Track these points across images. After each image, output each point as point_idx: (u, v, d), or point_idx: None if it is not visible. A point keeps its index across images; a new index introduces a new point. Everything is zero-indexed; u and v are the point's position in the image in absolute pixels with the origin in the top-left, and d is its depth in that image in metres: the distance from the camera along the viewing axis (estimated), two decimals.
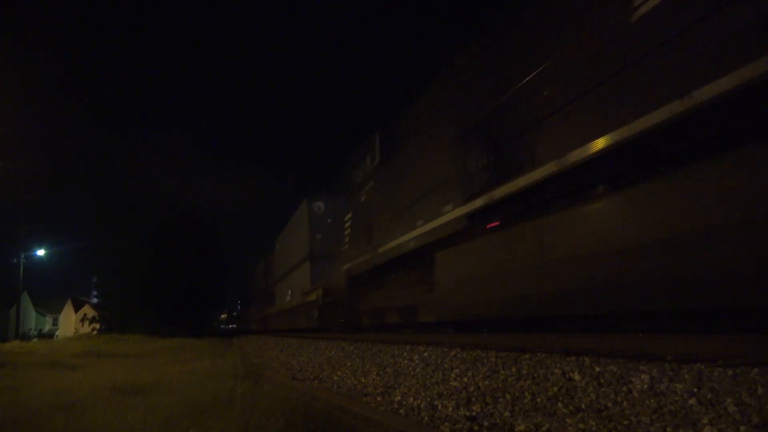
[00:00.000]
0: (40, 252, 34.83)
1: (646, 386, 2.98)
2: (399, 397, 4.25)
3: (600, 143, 4.45)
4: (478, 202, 6.36)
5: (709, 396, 2.61)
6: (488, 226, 6.40)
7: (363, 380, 5.40)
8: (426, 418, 3.52)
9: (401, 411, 3.84)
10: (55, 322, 61.45)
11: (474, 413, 3.35)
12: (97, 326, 28.45)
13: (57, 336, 40.01)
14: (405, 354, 6.00)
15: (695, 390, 2.73)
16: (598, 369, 3.50)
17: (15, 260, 32.67)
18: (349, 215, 12.80)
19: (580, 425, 2.70)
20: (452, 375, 4.45)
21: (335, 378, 5.98)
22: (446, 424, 3.26)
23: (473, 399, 3.66)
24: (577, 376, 3.48)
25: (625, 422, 2.61)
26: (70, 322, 56.27)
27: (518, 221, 5.86)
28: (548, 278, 5.34)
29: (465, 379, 4.20)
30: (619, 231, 4.50)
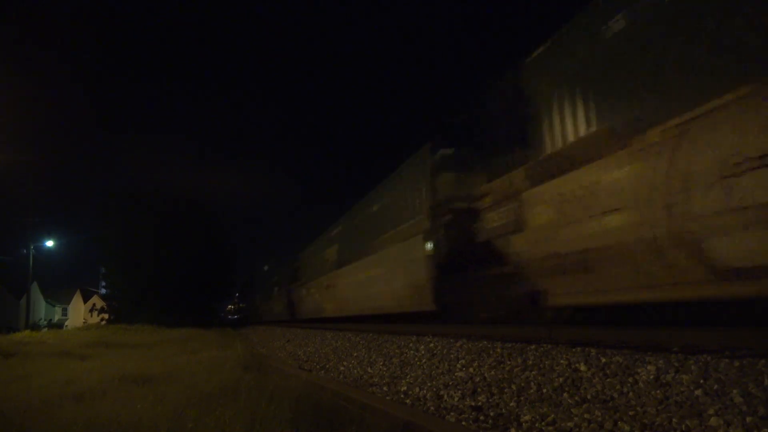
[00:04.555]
0: (49, 243, 35.09)
1: (652, 377, 2.98)
2: (405, 387, 4.28)
3: None
4: None
5: (716, 387, 2.61)
6: None
7: (369, 370, 5.44)
8: (432, 408, 3.54)
9: (407, 401, 3.87)
10: (64, 313, 62.02)
11: (479, 403, 3.37)
12: (106, 316, 28.68)
13: (66, 326, 40.43)
14: (411, 345, 6.03)
15: (701, 381, 2.72)
16: (604, 360, 3.51)
17: (24, 251, 32.98)
18: None
19: (586, 415, 2.71)
20: (458, 365, 4.47)
21: (342, 368, 6.02)
22: (452, 414, 3.29)
23: (479, 389, 3.67)
24: (583, 367, 3.48)
25: (631, 413, 2.62)
26: (79, 313, 56.78)
27: None
28: None
29: (471, 370, 4.22)
30: None
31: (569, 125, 5.38)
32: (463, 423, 3.07)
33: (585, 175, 4.80)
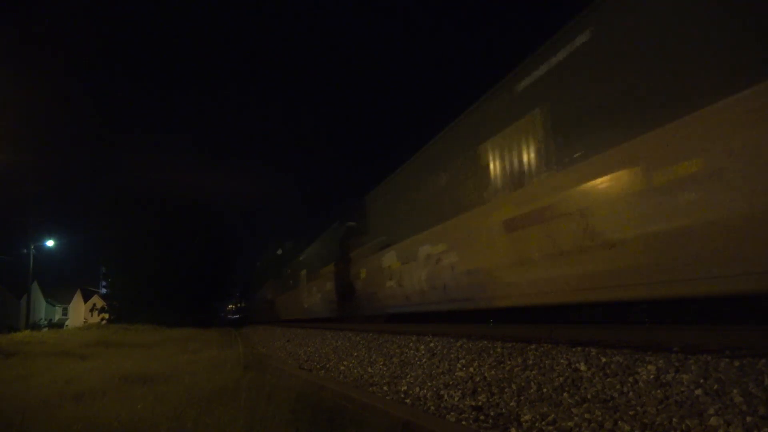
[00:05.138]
0: (50, 242, 35.10)
1: (652, 377, 2.98)
2: (405, 387, 4.28)
3: None
4: None
5: (716, 387, 2.61)
6: None
7: (369, 370, 5.44)
8: (432, 407, 3.54)
9: (407, 401, 3.87)
10: (64, 312, 62.04)
11: (480, 403, 3.37)
12: (106, 316, 28.70)
13: (67, 326, 40.41)
14: (411, 344, 6.03)
15: (701, 381, 2.72)
16: (604, 360, 3.50)
17: (25, 251, 33.01)
18: None
19: (586, 415, 2.71)
20: (458, 365, 4.47)
21: (342, 368, 6.02)
22: (452, 413, 3.28)
23: (479, 389, 3.67)
24: (583, 367, 3.48)
25: (632, 412, 2.62)
26: (79, 312, 56.79)
27: None
28: None
29: (471, 370, 4.22)
30: None
31: None
32: (464, 423, 3.07)
33: None
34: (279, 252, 27.57)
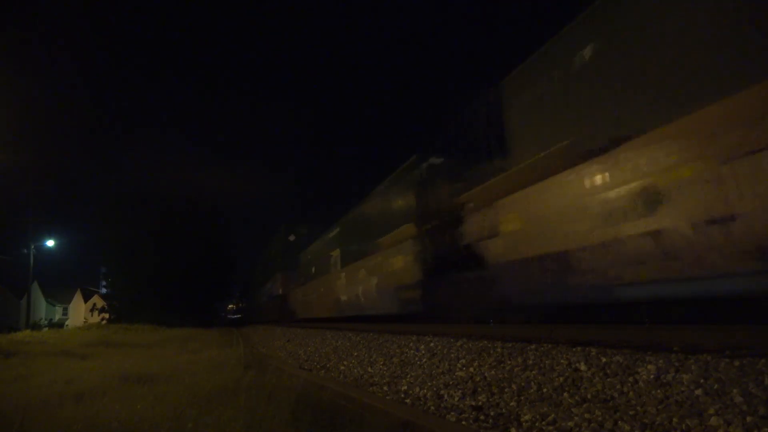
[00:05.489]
0: (50, 242, 35.11)
1: (652, 377, 2.98)
2: (405, 387, 4.28)
3: None
4: None
5: (716, 387, 2.61)
6: None
7: (369, 370, 5.44)
8: (432, 407, 3.54)
9: (407, 401, 3.87)
10: (65, 312, 62.05)
11: (480, 403, 3.37)
12: (106, 316, 28.74)
13: (67, 325, 40.39)
14: (411, 344, 6.03)
15: (702, 381, 2.72)
16: (604, 359, 3.50)
17: (25, 251, 33.02)
18: None
19: (586, 415, 2.71)
20: (458, 365, 4.47)
21: (342, 368, 6.02)
22: (452, 413, 3.28)
23: (479, 389, 3.67)
24: (583, 367, 3.48)
25: (632, 412, 2.62)
26: (79, 312, 56.78)
27: None
28: None
29: (471, 369, 4.22)
30: None
31: None
32: (464, 422, 3.07)
33: None
34: (291, 238, 23.47)
